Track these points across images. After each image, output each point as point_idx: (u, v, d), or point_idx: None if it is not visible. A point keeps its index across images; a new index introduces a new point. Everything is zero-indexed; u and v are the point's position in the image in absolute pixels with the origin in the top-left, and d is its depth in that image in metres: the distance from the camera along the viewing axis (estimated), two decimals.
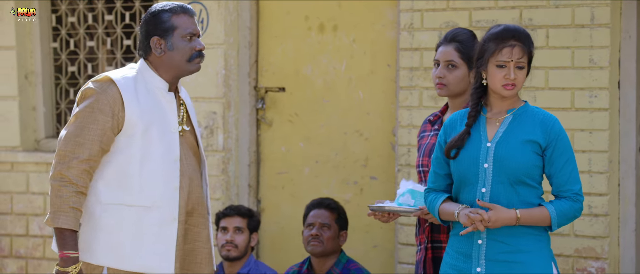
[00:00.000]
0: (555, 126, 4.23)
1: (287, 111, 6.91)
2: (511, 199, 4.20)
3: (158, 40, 4.42)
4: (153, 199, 4.35)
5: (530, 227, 4.21)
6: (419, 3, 6.26)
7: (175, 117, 4.45)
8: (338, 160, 6.77)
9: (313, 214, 6.25)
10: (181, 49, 4.42)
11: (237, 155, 6.88)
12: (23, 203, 7.42)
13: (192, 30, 4.43)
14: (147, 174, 4.34)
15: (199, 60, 4.46)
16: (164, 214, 4.37)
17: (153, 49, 4.43)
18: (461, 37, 4.72)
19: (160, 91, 4.43)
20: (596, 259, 5.87)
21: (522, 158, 4.18)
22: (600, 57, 5.84)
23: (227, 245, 6.36)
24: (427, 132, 4.82)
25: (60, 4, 7.53)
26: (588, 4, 5.86)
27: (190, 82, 6.82)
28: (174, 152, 4.41)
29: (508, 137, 4.22)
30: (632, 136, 5.89)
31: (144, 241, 4.35)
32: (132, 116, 4.32)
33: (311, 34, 6.83)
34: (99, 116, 4.29)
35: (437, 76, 4.70)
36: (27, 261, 7.43)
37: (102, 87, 4.33)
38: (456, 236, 4.31)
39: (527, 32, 4.27)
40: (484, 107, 4.31)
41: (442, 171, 4.35)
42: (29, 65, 7.54)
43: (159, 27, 4.42)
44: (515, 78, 4.20)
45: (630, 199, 5.89)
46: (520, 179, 4.19)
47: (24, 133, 7.50)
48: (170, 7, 4.44)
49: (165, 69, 4.44)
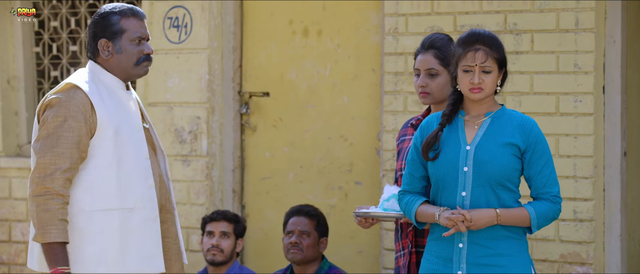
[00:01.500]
0: (534, 128, 4.24)
1: (271, 116, 6.88)
2: (491, 203, 4.20)
3: (106, 42, 4.37)
4: (134, 200, 4.32)
5: (510, 231, 4.22)
6: (404, 7, 6.24)
7: (138, 116, 4.42)
8: (323, 165, 6.74)
9: (292, 221, 6.23)
10: (129, 52, 4.37)
11: (221, 160, 6.86)
12: (5, 209, 7.38)
13: (141, 34, 4.38)
14: (124, 176, 4.31)
15: (147, 64, 4.42)
16: (146, 213, 4.35)
17: (101, 52, 4.38)
18: (439, 43, 4.69)
19: (119, 90, 4.39)
20: (581, 264, 5.86)
21: (502, 161, 4.19)
22: (585, 62, 5.84)
23: (212, 249, 6.34)
24: (408, 136, 4.79)
25: (43, 8, 7.49)
26: (573, 9, 5.86)
27: (175, 87, 6.79)
28: (144, 151, 4.38)
29: (487, 141, 4.22)
30: (617, 141, 5.88)
31: (131, 244, 4.32)
32: (103, 118, 4.28)
33: (295, 39, 6.81)
34: (73, 123, 4.23)
35: (420, 85, 4.68)
36: (10, 267, 7.39)
37: (69, 95, 4.27)
38: (436, 241, 4.29)
39: (494, 36, 4.24)
40: (461, 110, 4.30)
41: (418, 173, 4.34)
42: (11, 69, 7.49)
43: (107, 29, 4.37)
44: (481, 82, 4.20)
45: (616, 204, 5.89)
46: (500, 183, 4.19)
47: (6, 138, 7.46)
48: (119, 9, 4.38)
49: (114, 72, 4.40)
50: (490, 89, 4.23)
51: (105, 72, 4.38)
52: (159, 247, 4.39)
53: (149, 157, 4.40)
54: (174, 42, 6.86)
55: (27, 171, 7.26)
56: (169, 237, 4.50)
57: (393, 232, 6.27)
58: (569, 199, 5.82)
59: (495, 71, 4.23)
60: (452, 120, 4.30)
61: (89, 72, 4.39)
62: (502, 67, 4.26)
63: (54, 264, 4.19)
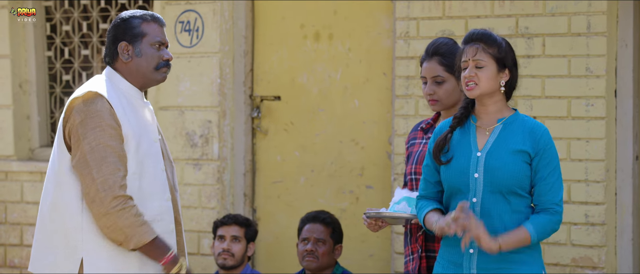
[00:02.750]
0: (544, 135, 4.22)
1: (282, 120, 6.88)
2: (502, 209, 4.18)
3: (126, 45, 4.35)
4: (153, 214, 4.29)
5: None
6: (415, 11, 6.24)
7: (155, 127, 4.40)
8: (333, 169, 6.74)
9: (308, 228, 6.20)
10: (149, 56, 4.35)
11: (233, 164, 6.86)
12: (17, 213, 7.39)
13: (161, 39, 4.37)
14: (145, 189, 4.28)
15: (166, 71, 4.39)
16: (164, 226, 4.33)
17: (120, 54, 4.35)
18: (443, 49, 4.67)
19: (137, 100, 4.36)
20: (593, 268, 5.84)
21: (513, 168, 4.17)
22: (596, 66, 5.82)
23: (223, 253, 6.33)
24: (418, 140, 4.79)
25: (55, 12, 7.51)
26: (584, 13, 5.85)
27: (186, 91, 6.80)
28: (160, 163, 4.36)
29: (498, 147, 4.21)
30: (629, 145, 5.87)
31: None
32: (127, 131, 4.25)
33: (307, 43, 6.81)
34: (112, 131, 4.19)
35: (427, 93, 4.68)
36: (22, 270, 7.40)
37: (96, 104, 4.22)
38: (447, 246, 4.30)
39: (489, 32, 4.26)
40: (474, 116, 4.30)
41: (433, 179, 4.35)
42: (23, 74, 7.51)
43: (128, 32, 4.35)
44: (473, 75, 4.20)
45: (628, 208, 5.87)
46: (511, 190, 4.18)
47: (18, 142, 7.47)
48: (140, 14, 4.38)
49: (132, 77, 4.36)
50: (485, 86, 4.20)
51: (123, 80, 4.35)
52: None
53: (165, 170, 4.38)
54: (185, 46, 6.86)
55: (39, 174, 7.26)
56: (179, 250, 4.47)
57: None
58: (580, 203, 5.81)
59: (491, 67, 4.21)
60: (463, 123, 4.30)
61: (106, 80, 4.34)
62: (503, 66, 4.24)
63: (160, 255, 4.21)
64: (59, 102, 7.55)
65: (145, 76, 4.37)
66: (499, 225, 4.18)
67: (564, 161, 5.85)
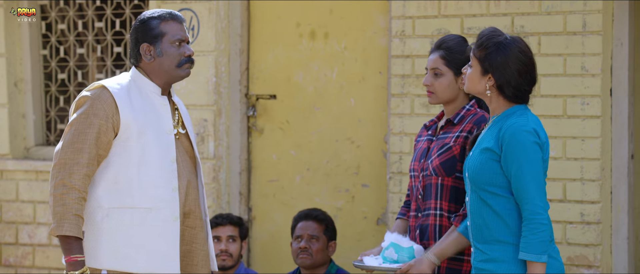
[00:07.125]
0: (508, 131, 4.10)
1: (278, 119, 6.88)
2: (482, 210, 4.18)
3: (147, 47, 4.47)
4: (153, 201, 4.39)
5: (505, 235, 4.13)
6: (411, 10, 6.24)
7: (169, 120, 4.49)
8: (329, 168, 6.74)
9: (301, 226, 6.21)
10: (170, 54, 4.47)
11: (228, 163, 6.86)
12: (12, 211, 7.39)
13: (180, 36, 4.48)
14: (145, 177, 4.38)
15: (189, 66, 4.51)
16: (165, 214, 4.40)
17: (143, 56, 4.48)
18: (448, 44, 4.71)
19: (153, 94, 4.48)
20: (589, 267, 5.85)
21: (478, 166, 4.17)
22: (592, 65, 5.83)
23: (221, 255, 6.34)
24: (423, 137, 4.84)
25: (50, 11, 7.50)
26: (580, 11, 5.85)
27: (182, 89, 6.80)
28: (171, 154, 4.44)
29: (476, 146, 4.25)
30: (625, 144, 5.88)
31: (147, 242, 4.38)
32: (127, 119, 4.36)
33: (302, 41, 6.81)
34: (94, 120, 4.33)
35: (424, 83, 4.72)
36: (17, 269, 7.39)
37: (95, 94, 4.37)
38: None
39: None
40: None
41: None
42: (18, 72, 7.50)
43: (148, 34, 4.47)
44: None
45: (623, 207, 5.88)
46: (483, 188, 4.17)
47: (14, 141, 7.47)
48: (158, 14, 4.49)
49: (156, 75, 4.49)
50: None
51: (143, 78, 4.48)
52: (175, 249, 4.42)
53: (178, 162, 4.47)
54: None
55: (35, 173, 7.27)
56: (196, 242, 4.55)
57: None
58: (576, 201, 5.82)
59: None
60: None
61: (127, 76, 4.50)
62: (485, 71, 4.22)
63: (68, 253, 4.28)
64: (54, 101, 7.54)
65: (169, 74, 4.49)
66: (482, 224, 4.19)
67: (560, 159, 5.85)
